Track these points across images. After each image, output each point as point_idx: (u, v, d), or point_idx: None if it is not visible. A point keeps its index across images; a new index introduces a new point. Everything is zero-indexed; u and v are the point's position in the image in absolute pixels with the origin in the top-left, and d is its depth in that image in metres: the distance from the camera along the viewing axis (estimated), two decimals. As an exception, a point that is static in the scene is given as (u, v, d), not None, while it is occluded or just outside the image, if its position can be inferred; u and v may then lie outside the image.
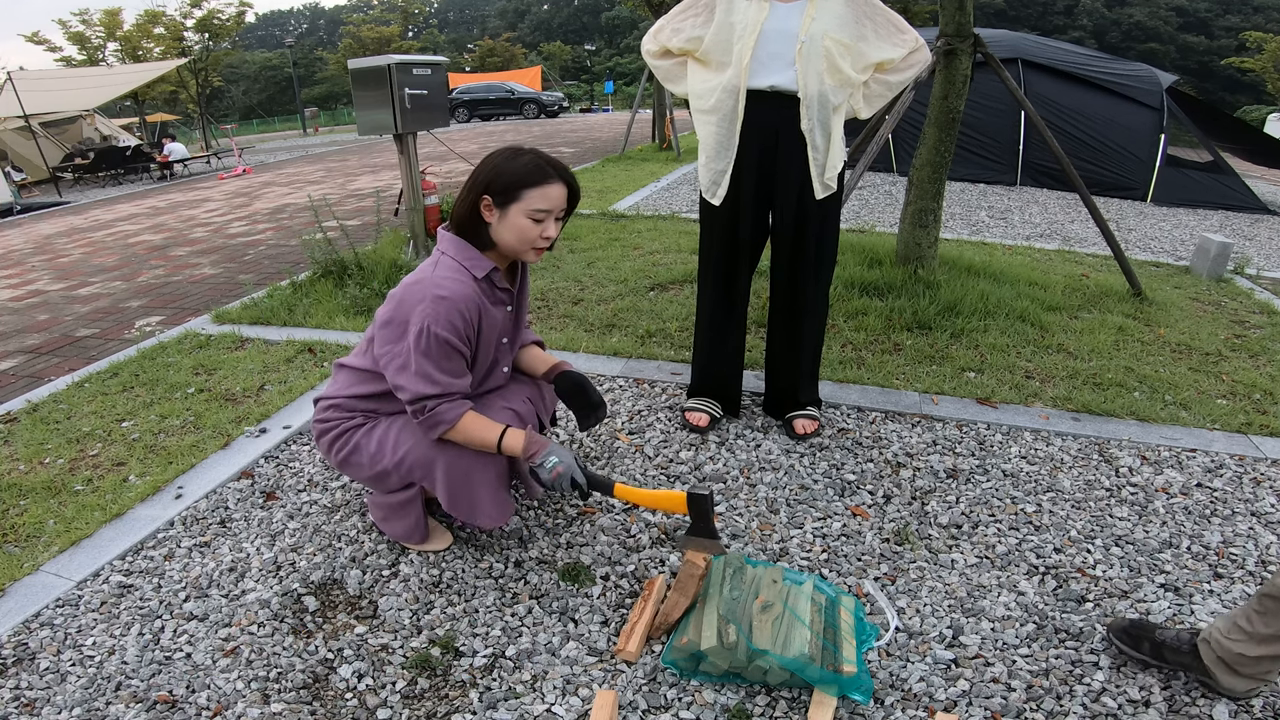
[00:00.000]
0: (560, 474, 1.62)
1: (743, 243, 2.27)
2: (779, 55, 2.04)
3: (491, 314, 1.71)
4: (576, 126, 20.81)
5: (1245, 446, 2.40)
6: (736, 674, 1.46)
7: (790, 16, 2.04)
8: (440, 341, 1.57)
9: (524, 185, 1.59)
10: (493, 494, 1.73)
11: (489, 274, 1.67)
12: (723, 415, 2.51)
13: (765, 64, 2.05)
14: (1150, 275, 4.42)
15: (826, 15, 2.03)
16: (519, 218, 1.60)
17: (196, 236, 6.83)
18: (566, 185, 1.65)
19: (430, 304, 1.56)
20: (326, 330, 3.51)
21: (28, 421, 2.73)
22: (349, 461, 1.78)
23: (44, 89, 14.26)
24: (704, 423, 2.44)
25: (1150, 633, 1.51)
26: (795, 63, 2.03)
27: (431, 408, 1.60)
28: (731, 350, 2.44)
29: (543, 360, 1.94)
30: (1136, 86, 8.06)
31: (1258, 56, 28.26)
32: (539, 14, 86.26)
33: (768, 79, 2.06)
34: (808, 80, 2.03)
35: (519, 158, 1.62)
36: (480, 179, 1.62)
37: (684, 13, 2.19)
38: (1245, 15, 56.95)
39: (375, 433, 1.75)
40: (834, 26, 2.03)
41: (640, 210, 6.47)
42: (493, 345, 1.77)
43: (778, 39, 2.03)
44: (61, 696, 1.49)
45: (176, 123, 29.40)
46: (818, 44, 2.01)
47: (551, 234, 1.64)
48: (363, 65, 4.21)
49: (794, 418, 2.45)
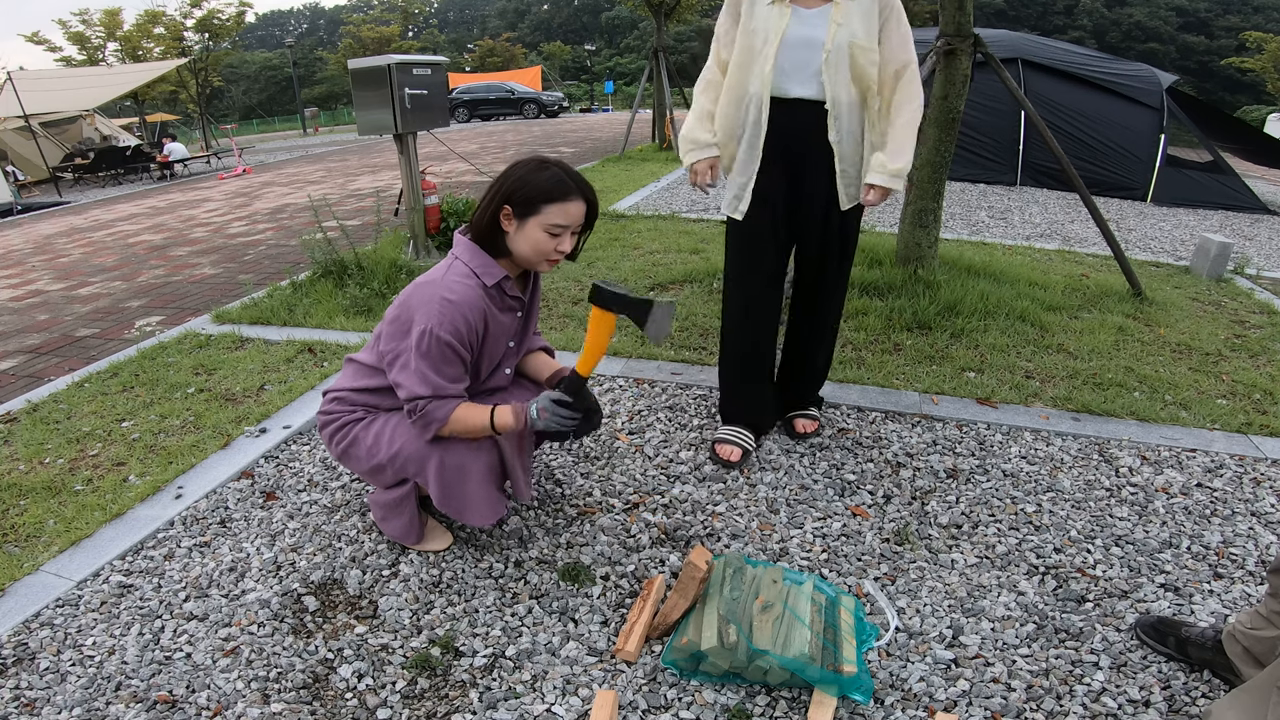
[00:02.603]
0: (544, 409, 1.62)
1: (769, 257, 2.17)
2: (804, 64, 1.95)
3: (499, 320, 1.72)
4: (576, 126, 20.81)
5: (1245, 446, 2.40)
6: (737, 674, 1.46)
7: (815, 24, 1.94)
8: (441, 344, 1.57)
9: (545, 200, 1.60)
10: (484, 492, 1.73)
11: (500, 281, 1.68)
12: (756, 446, 2.34)
13: (789, 73, 1.96)
14: (1150, 275, 4.41)
15: (853, 20, 1.92)
16: (536, 231, 1.61)
17: (196, 236, 6.83)
18: (586, 201, 1.65)
19: (437, 306, 1.57)
20: (326, 330, 3.51)
21: (28, 421, 2.73)
22: (348, 454, 1.80)
23: (44, 89, 14.26)
24: (735, 457, 2.25)
25: (1176, 629, 1.54)
26: (822, 73, 1.93)
27: (423, 408, 1.61)
28: (763, 365, 2.32)
29: (547, 366, 1.94)
30: (1136, 86, 8.06)
31: (1258, 56, 28.26)
32: (539, 14, 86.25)
33: (792, 89, 1.97)
34: (835, 90, 1.94)
35: (543, 171, 1.62)
36: (503, 189, 1.63)
37: (724, 18, 2.09)
38: (1245, 15, 56.93)
39: (373, 427, 1.76)
40: (861, 32, 1.92)
41: (640, 210, 6.47)
42: (499, 349, 1.78)
43: (803, 47, 1.94)
44: (61, 696, 1.49)
45: (176, 123, 29.39)
46: (844, 53, 1.92)
47: (566, 248, 1.65)
48: (363, 65, 4.22)
49: (794, 417, 2.43)
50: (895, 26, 1.96)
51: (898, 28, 1.96)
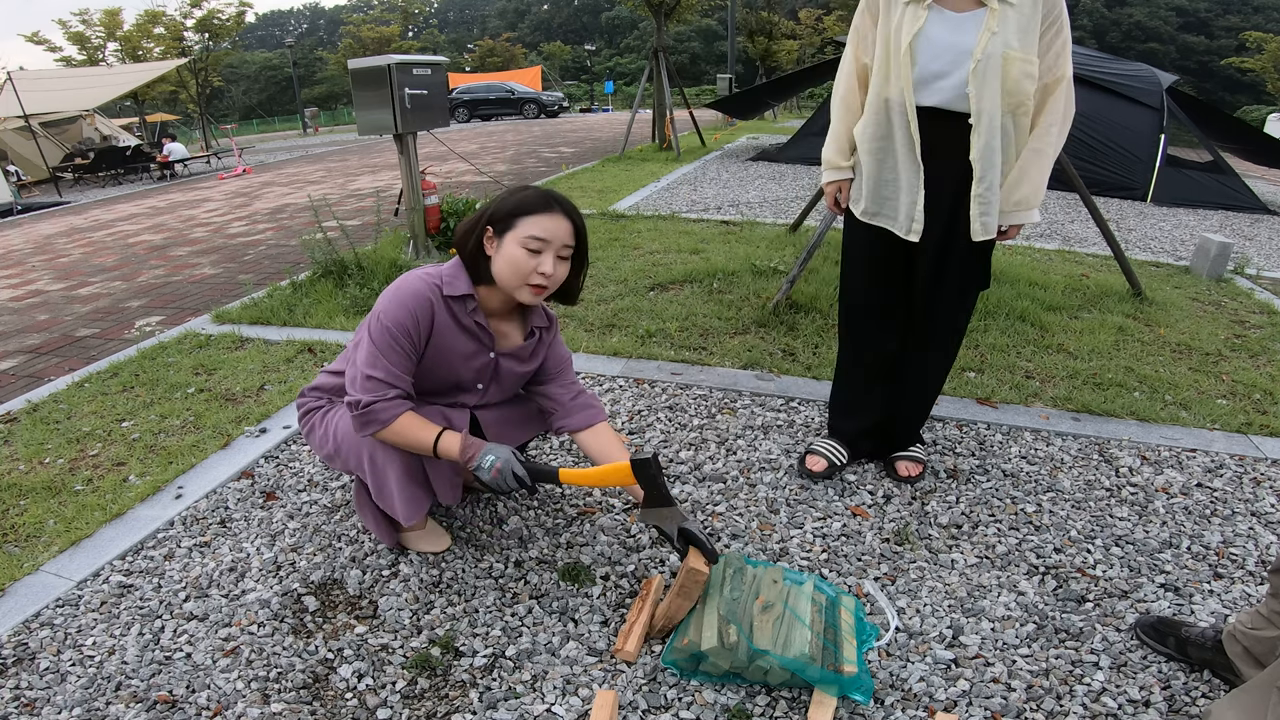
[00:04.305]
0: (500, 470, 1.56)
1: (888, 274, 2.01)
2: (947, 73, 1.75)
3: (453, 332, 1.65)
4: (576, 126, 20.81)
5: (1245, 446, 2.40)
6: (737, 674, 1.46)
7: (966, 29, 1.73)
8: (383, 329, 1.57)
9: (521, 213, 1.58)
10: (403, 490, 1.68)
11: (461, 297, 1.64)
12: (846, 463, 2.23)
13: (928, 81, 1.78)
14: (1150, 275, 4.41)
15: (1009, 28, 1.71)
16: (513, 247, 1.57)
17: (196, 236, 6.83)
18: (569, 218, 1.61)
19: (386, 296, 1.60)
20: (326, 330, 3.51)
21: (28, 421, 2.73)
22: (311, 440, 1.83)
23: (44, 89, 14.26)
24: (820, 468, 2.18)
25: (1176, 629, 1.54)
26: (969, 83, 1.73)
27: (368, 403, 1.57)
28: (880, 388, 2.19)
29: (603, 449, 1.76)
30: (1136, 86, 8.05)
31: (1258, 56, 28.28)
32: (539, 14, 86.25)
33: (930, 97, 1.79)
34: (981, 102, 1.73)
35: (523, 190, 1.62)
36: (486, 210, 1.63)
37: (861, 17, 1.92)
38: (1245, 15, 56.95)
39: (328, 417, 1.79)
40: (1016, 42, 1.71)
41: (640, 210, 6.46)
42: (453, 367, 1.70)
43: (947, 54, 1.75)
44: (61, 696, 1.49)
45: (176, 123, 29.40)
46: (995, 63, 1.71)
47: (548, 270, 1.57)
48: (363, 65, 4.22)
49: (898, 459, 2.22)
50: (1055, 37, 1.76)
51: (1056, 38, 1.76)
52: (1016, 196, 1.85)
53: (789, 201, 6.95)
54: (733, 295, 3.80)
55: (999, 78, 1.72)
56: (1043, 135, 1.82)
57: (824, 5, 36.10)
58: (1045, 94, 1.80)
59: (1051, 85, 1.79)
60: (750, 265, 4.23)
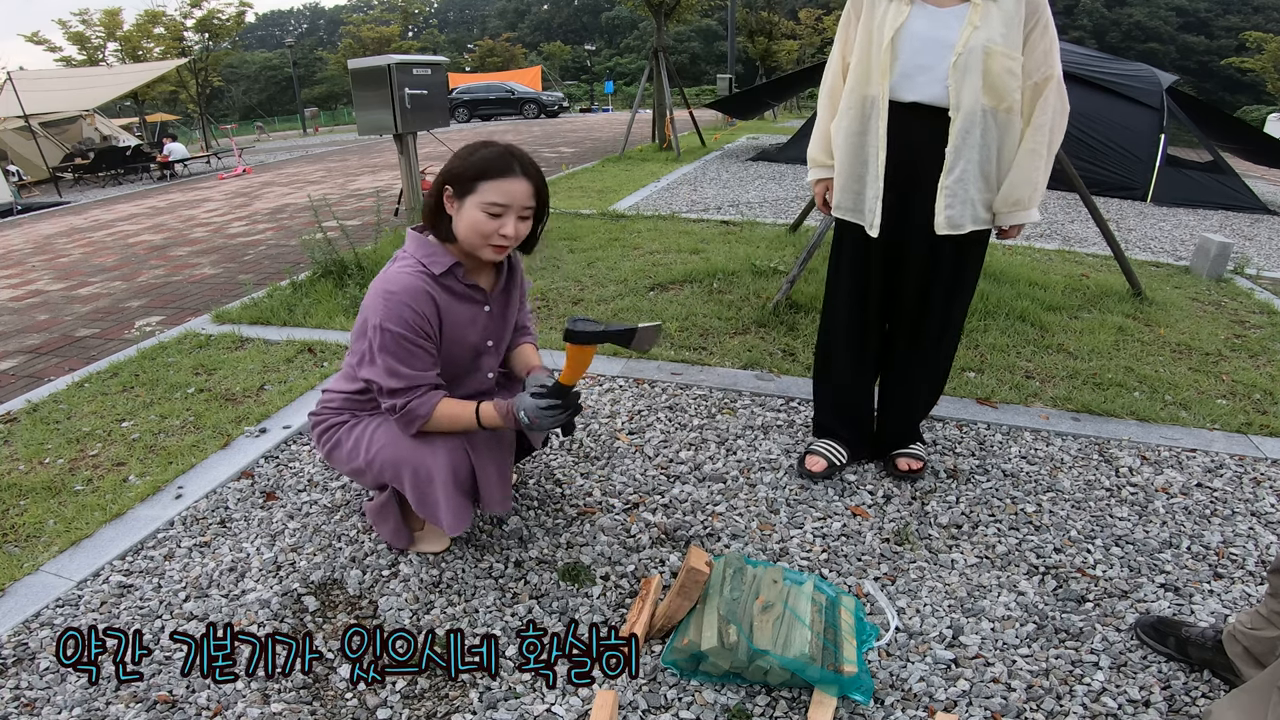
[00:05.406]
0: (531, 413, 1.56)
1: (875, 269, 2.01)
2: (928, 68, 1.76)
3: (457, 310, 1.66)
4: (576, 126, 20.81)
5: (1245, 446, 2.40)
6: (737, 674, 1.46)
7: (948, 23, 1.75)
8: (394, 337, 1.56)
9: (481, 177, 1.54)
10: (449, 500, 1.68)
11: (450, 269, 1.63)
12: (846, 461, 2.22)
13: (910, 76, 1.78)
14: (1150, 275, 4.41)
15: (992, 22, 1.71)
16: (473, 210, 1.55)
17: (196, 236, 6.83)
18: (530, 180, 1.57)
19: (380, 301, 1.56)
20: (326, 330, 3.51)
21: (28, 421, 2.73)
22: (332, 455, 1.80)
23: (44, 89, 14.26)
24: (820, 468, 2.18)
25: (1176, 629, 1.55)
26: (948, 78, 1.74)
27: (403, 404, 1.59)
28: (865, 382, 2.21)
29: (523, 361, 1.88)
30: (1136, 86, 8.05)
31: (1258, 56, 28.28)
32: (539, 14, 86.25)
33: (911, 93, 1.79)
34: (961, 95, 1.74)
35: (484, 148, 1.57)
36: (445, 169, 1.60)
37: (847, 16, 1.94)
38: (1245, 15, 56.95)
39: (355, 431, 1.76)
40: (999, 36, 1.71)
41: (640, 210, 6.46)
42: (468, 344, 1.72)
43: (930, 48, 1.75)
44: (61, 696, 1.49)
45: (176, 123, 29.40)
46: (977, 56, 1.71)
47: (509, 232, 1.56)
48: (363, 65, 4.22)
49: (898, 455, 2.21)
50: (1040, 35, 1.76)
51: (1043, 37, 1.77)
52: (1015, 197, 1.85)
53: (789, 201, 6.95)
54: (733, 295, 3.80)
55: (980, 72, 1.72)
56: (1036, 135, 1.82)
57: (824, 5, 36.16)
58: (1036, 93, 1.80)
59: (1041, 84, 1.79)
60: (750, 265, 4.23)
